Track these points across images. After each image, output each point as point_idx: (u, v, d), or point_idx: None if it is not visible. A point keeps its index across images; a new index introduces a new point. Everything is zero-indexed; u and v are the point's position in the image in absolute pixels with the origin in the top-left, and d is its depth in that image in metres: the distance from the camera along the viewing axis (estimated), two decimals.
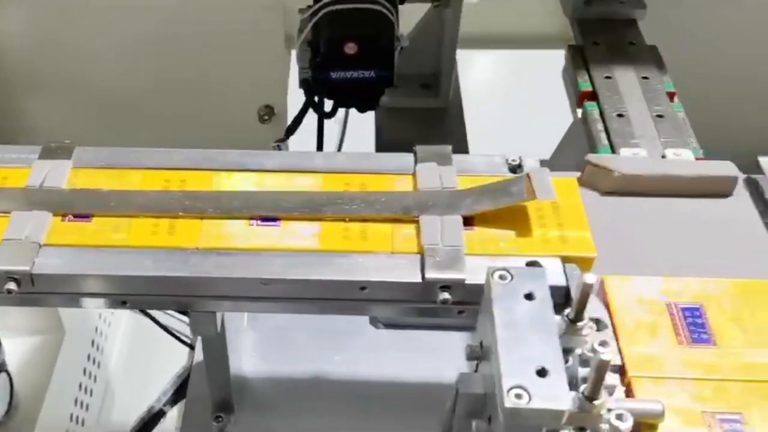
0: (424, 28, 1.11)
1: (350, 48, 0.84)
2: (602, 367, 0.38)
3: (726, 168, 0.66)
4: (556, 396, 0.39)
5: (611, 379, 0.47)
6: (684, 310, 0.55)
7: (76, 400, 1.10)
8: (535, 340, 0.41)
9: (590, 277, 0.47)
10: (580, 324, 0.47)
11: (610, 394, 0.46)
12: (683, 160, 0.68)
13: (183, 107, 1.17)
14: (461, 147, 1.09)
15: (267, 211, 0.63)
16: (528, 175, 0.62)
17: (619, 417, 0.42)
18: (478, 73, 1.23)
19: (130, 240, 0.61)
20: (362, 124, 1.15)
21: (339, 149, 1.14)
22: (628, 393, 0.50)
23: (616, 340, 0.54)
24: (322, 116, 0.93)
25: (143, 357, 1.24)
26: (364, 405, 0.78)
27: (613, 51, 0.81)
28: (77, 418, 1.10)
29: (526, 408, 0.38)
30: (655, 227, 0.65)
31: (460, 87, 1.18)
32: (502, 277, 0.45)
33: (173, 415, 1.19)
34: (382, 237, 0.61)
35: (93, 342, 1.18)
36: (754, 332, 0.54)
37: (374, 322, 0.83)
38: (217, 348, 0.69)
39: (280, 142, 1.00)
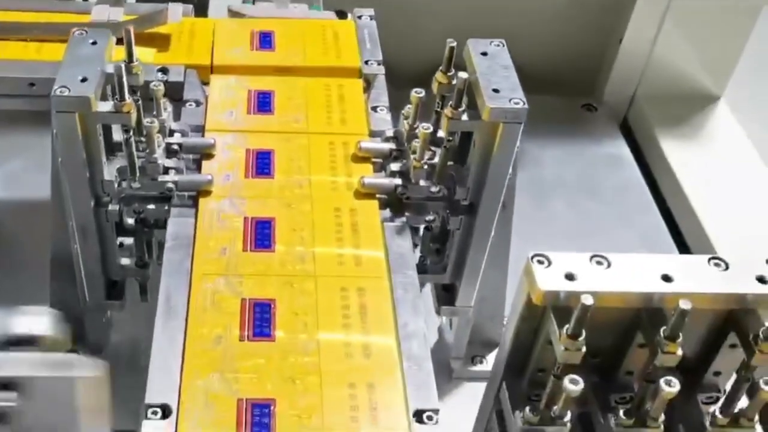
0: None
1: None
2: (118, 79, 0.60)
3: (328, 15, 0.89)
4: (86, 90, 0.61)
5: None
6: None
7: None
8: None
9: None
10: None
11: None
12: (298, 9, 0.90)
13: None
14: None
15: None
16: (168, 7, 0.83)
17: None
18: None
19: None
20: None
21: None
22: None
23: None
24: None
25: None
26: None
27: None
28: None
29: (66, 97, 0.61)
30: None
31: None
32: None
33: None
34: (53, 51, 0.81)
35: None
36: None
37: None
38: None
39: None
